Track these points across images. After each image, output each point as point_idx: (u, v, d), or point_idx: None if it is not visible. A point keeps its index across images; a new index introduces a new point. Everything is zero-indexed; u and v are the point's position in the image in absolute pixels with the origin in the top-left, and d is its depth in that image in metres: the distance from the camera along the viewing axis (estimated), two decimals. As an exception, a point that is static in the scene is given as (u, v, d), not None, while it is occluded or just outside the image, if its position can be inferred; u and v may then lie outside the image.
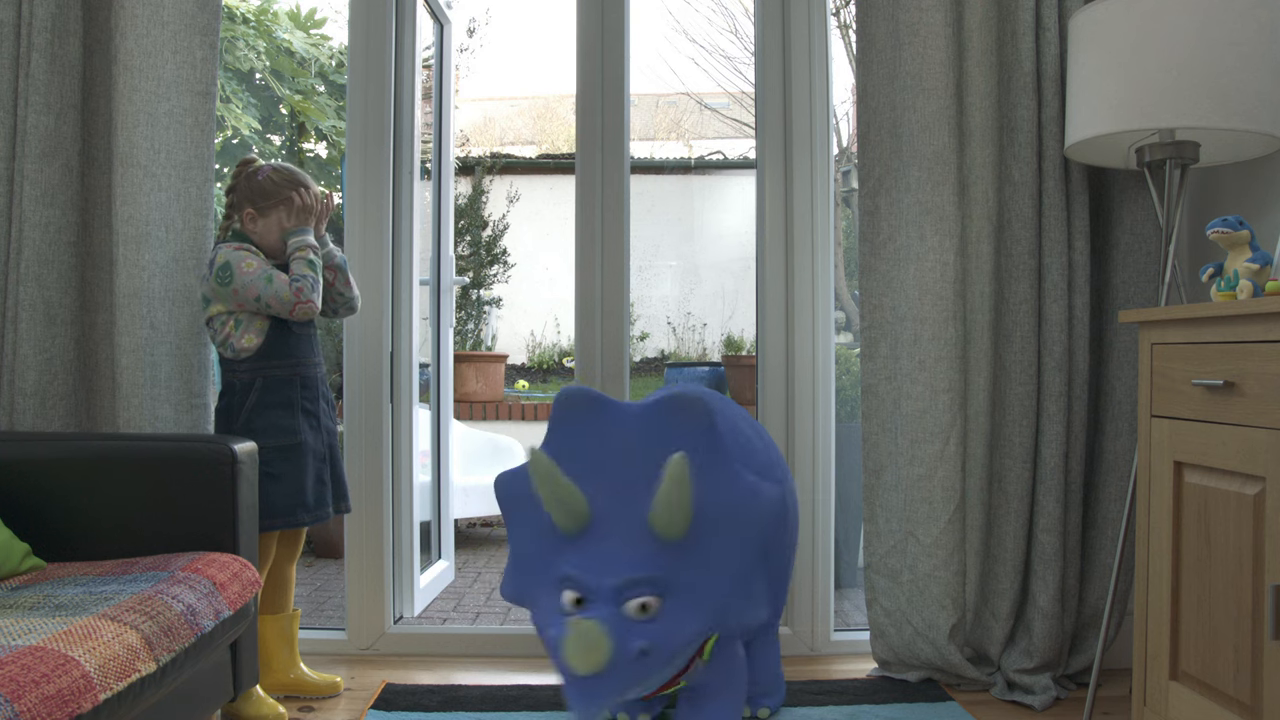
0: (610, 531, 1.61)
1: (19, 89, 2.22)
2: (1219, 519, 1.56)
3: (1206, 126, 1.87)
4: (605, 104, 2.54)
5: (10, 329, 2.20)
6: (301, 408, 2.06)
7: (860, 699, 2.18)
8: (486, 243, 6.81)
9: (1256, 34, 1.85)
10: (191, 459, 1.76)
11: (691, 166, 9.40)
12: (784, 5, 2.53)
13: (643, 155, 10.24)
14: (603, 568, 1.56)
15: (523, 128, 15.65)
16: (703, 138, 12.33)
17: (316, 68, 5.42)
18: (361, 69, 2.52)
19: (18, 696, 1.07)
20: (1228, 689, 1.53)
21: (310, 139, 5.89)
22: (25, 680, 1.10)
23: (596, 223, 2.55)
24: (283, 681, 2.18)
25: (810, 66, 2.52)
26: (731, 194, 9.02)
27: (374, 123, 2.52)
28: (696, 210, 9.20)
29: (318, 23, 5.25)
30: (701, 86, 11.66)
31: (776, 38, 2.54)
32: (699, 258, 8.97)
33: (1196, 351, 1.63)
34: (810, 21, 2.53)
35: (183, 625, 1.44)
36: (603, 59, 2.54)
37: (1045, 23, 2.25)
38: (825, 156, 2.53)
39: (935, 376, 2.24)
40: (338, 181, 5.69)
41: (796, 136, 2.52)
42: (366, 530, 2.52)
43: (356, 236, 2.51)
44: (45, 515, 1.76)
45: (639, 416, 1.69)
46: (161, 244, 2.26)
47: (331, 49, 5.54)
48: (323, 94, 5.35)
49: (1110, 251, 2.32)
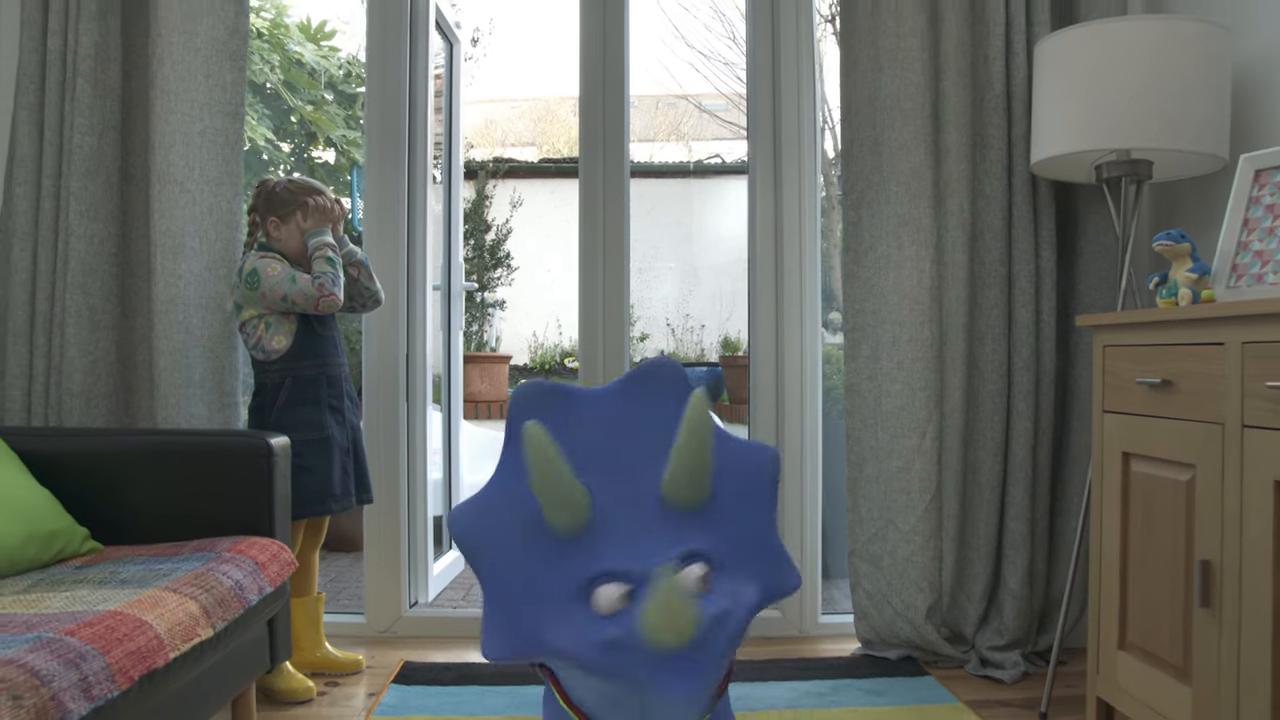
0: (620, 518, 1.42)
1: (64, 112, 2.40)
2: (1158, 503, 1.74)
3: (1158, 147, 2.05)
4: (606, 109, 2.72)
5: (58, 333, 2.37)
6: (328, 404, 2.24)
7: (843, 674, 2.35)
8: (490, 246, 6.99)
9: (1201, 65, 2.02)
10: (232, 452, 1.94)
11: (690, 170, 9.58)
12: (774, 28, 2.70)
13: (643, 158, 10.42)
14: (640, 551, 1.37)
15: (523, 130, 15.82)
16: (702, 139, 12.52)
17: (325, 78, 5.60)
18: (378, 87, 2.70)
19: (107, 650, 1.25)
20: (1165, 655, 1.71)
21: (319, 145, 6.07)
22: (111, 638, 1.28)
23: (599, 227, 2.73)
24: (309, 659, 2.36)
25: (798, 83, 2.70)
26: (729, 198, 9.19)
27: (390, 139, 2.69)
28: (695, 213, 9.38)
29: (327, 35, 5.43)
30: (700, 88, 11.84)
31: (766, 55, 2.71)
32: (698, 260, 9.15)
33: (1141, 353, 1.81)
34: (798, 41, 2.71)
35: (233, 598, 1.62)
36: (604, 72, 2.72)
37: (1014, 48, 2.42)
38: (812, 168, 2.70)
39: (913, 376, 2.42)
40: (347, 188, 5.86)
41: (785, 147, 2.69)
42: (384, 522, 2.70)
43: (374, 245, 2.68)
44: (101, 503, 1.93)
45: (610, 398, 1.54)
46: (195, 254, 2.44)
47: (340, 60, 5.73)
48: (332, 104, 5.52)
49: (1075, 259, 2.50)
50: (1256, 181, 1.86)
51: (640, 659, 1.25)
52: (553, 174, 9.17)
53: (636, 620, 1.25)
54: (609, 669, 1.27)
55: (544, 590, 1.37)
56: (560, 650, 1.31)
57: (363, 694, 2.26)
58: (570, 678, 1.41)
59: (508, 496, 1.44)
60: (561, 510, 1.36)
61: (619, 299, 2.75)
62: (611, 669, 1.27)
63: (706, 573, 1.33)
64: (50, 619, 1.33)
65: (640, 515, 1.41)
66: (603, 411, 1.51)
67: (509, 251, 7.01)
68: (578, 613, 1.33)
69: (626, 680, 1.27)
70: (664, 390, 1.50)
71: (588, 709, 1.42)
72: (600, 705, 1.40)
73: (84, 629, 1.28)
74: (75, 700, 1.16)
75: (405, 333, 2.73)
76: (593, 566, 1.34)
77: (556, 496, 1.35)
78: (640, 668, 1.25)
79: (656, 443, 1.43)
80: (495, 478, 1.48)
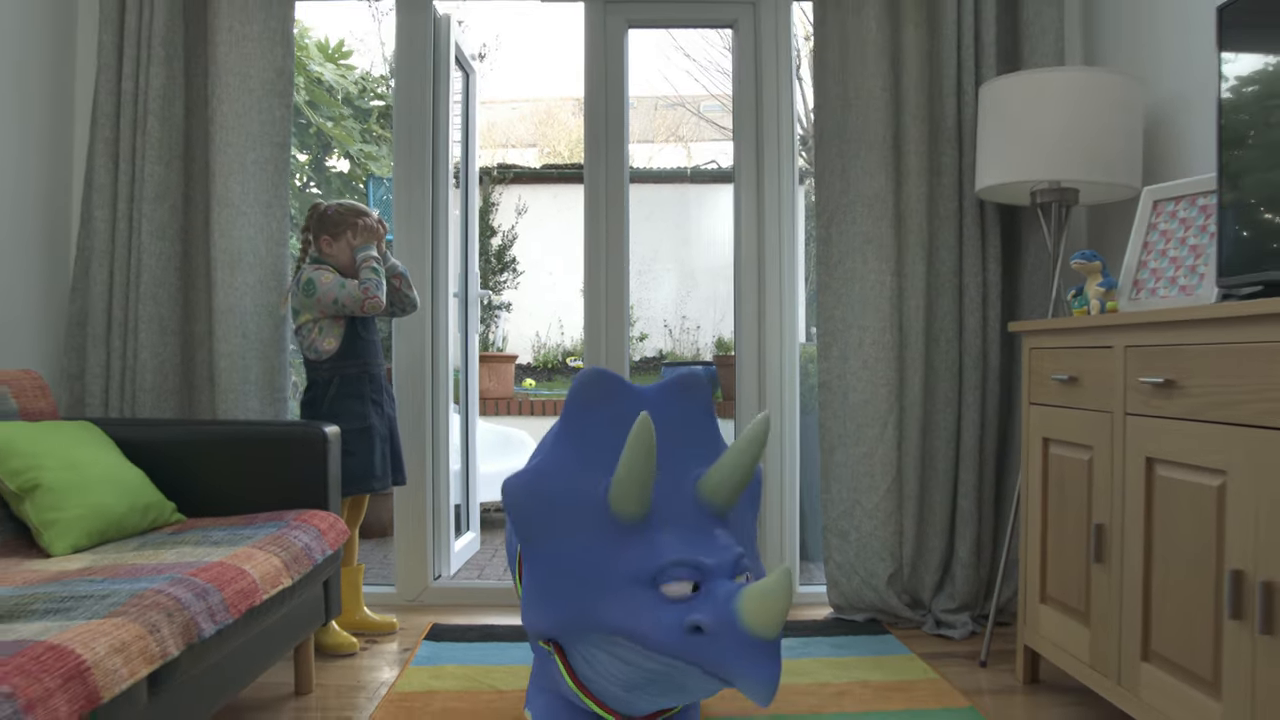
0: (669, 515, 1.52)
1: (136, 145, 2.75)
2: (1069, 480, 2.09)
3: (1082, 179, 2.40)
4: (609, 121, 3.07)
5: (131, 338, 2.73)
6: (370, 399, 2.60)
7: (815, 633, 2.71)
8: (497, 251, 7.34)
9: (1117, 109, 2.37)
10: (293, 439, 2.29)
11: (688, 176, 9.92)
12: (756, 66, 3.06)
13: (642, 160, 10.74)
14: (704, 547, 1.46)
15: (524, 132, 16.12)
16: (701, 139, 12.84)
17: (342, 94, 5.94)
18: (406, 116, 3.05)
19: (222, 588, 1.60)
20: (1073, 604, 2.06)
21: (334, 156, 6.41)
22: (222, 579, 1.63)
23: (602, 233, 3.08)
24: (351, 621, 2.71)
25: (778, 112, 3.05)
26: (724, 203, 9.53)
27: (417, 164, 3.04)
28: (693, 218, 9.71)
29: (345, 54, 5.77)
30: (696, 90, 12.15)
31: (750, 91, 3.06)
32: (695, 263, 9.48)
33: (1057, 354, 2.16)
34: (778, 75, 3.06)
35: (304, 556, 1.97)
36: (606, 94, 3.07)
37: (964, 88, 2.78)
38: (791, 185, 3.05)
39: (876, 374, 2.77)
40: (363, 196, 6.21)
41: (767, 161, 3.04)
42: (412, 506, 3.05)
43: (403, 259, 3.03)
44: (180, 482, 2.28)
45: (655, 397, 1.65)
46: (250, 268, 2.79)
47: (354, 76, 6.07)
48: (349, 119, 5.87)
49: (1018, 271, 2.85)
50: (1155, 210, 2.22)
51: (731, 645, 1.35)
52: (555, 179, 9.52)
53: (735, 610, 1.34)
54: (688, 651, 1.37)
55: (604, 571, 1.45)
56: (628, 630, 1.41)
57: (398, 650, 2.61)
58: (593, 659, 1.52)
59: (564, 476, 1.53)
60: (636, 498, 1.45)
61: (620, 300, 3.10)
62: (692, 652, 1.37)
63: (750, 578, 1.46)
64: (170, 567, 1.68)
65: (683, 514, 1.51)
66: (650, 410, 1.62)
67: (514, 256, 7.35)
68: (644, 596, 1.42)
69: (711, 663, 1.36)
70: (694, 398, 1.64)
71: (596, 689, 1.57)
72: (621, 686, 1.51)
73: (202, 573, 1.63)
74: (205, 622, 1.51)
75: (430, 337, 3.08)
76: (662, 555, 1.43)
77: (639, 485, 1.44)
78: (730, 653, 1.35)
79: (688, 447, 1.57)
80: (552, 456, 1.57)
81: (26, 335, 2.68)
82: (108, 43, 2.75)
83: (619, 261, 3.09)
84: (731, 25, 3.12)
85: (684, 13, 3.16)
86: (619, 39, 3.10)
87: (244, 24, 2.79)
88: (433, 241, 3.10)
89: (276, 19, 2.83)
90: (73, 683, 1.17)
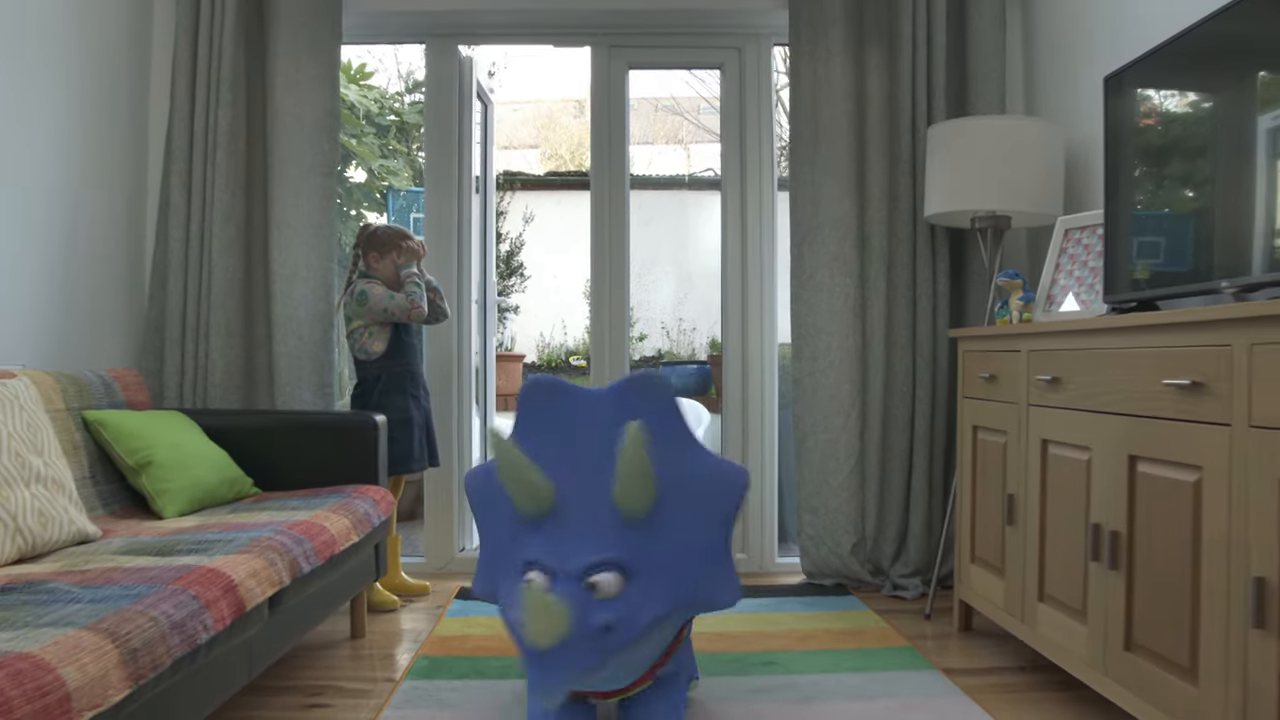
0: (576, 515, 1.61)
1: (207, 174, 3.20)
2: (989, 460, 2.55)
3: (1011, 208, 2.85)
4: (611, 146, 3.52)
5: (203, 341, 3.18)
6: (410, 394, 3.05)
7: (787, 595, 3.16)
8: (504, 256, 7.79)
9: (1041, 150, 2.82)
10: (350, 426, 2.74)
11: (685, 183, 10.38)
12: (740, 103, 3.51)
13: (642, 164, 11.17)
14: (566, 550, 1.55)
15: (527, 134, 16.53)
16: (700, 141, 13.26)
17: (363, 111, 6.39)
18: (435, 144, 3.50)
19: (311, 539, 2.06)
20: (993, 561, 2.52)
21: (351, 167, 6.87)
22: (309, 533, 2.09)
23: (605, 244, 3.53)
24: (391, 583, 3.17)
25: (760, 148, 3.50)
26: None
27: (444, 185, 3.50)
28: (691, 223, 10.16)
29: (366, 75, 6.22)
30: (698, 91, 12.54)
31: (735, 130, 3.52)
32: (691, 266, 9.93)
33: (982, 356, 2.62)
34: (760, 113, 3.51)
35: (365, 520, 2.42)
36: (610, 125, 3.52)
37: (918, 128, 3.23)
38: (771, 202, 3.50)
39: (841, 372, 3.23)
40: (380, 207, 6.66)
41: (749, 179, 3.50)
42: (440, 489, 3.51)
43: (433, 268, 3.48)
44: (255, 461, 2.73)
45: (604, 400, 1.71)
46: (304, 281, 3.24)
47: (375, 96, 6.52)
48: (370, 135, 6.32)
49: (965, 285, 3.30)
50: (1066, 237, 2.67)
51: (519, 643, 1.50)
52: (558, 186, 9.98)
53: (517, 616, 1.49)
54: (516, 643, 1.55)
55: (506, 556, 1.66)
56: (501, 609, 1.64)
57: (432, 607, 3.07)
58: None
59: None
60: (524, 500, 1.62)
61: (621, 302, 3.55)
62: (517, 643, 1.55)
63: (618, 581, 1.51)
64: (266, 524, 2.13)
65: (592, 515, 1.59)
66: (593, 412, 1.71)
67: (522, 262, 7.81)
68: (516, 584, 1.59)
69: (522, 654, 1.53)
70: (649, 404, 1.69)
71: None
72: None
73: (294, 527, 2.08)
74: (304, 562, 1.97)
75: (456, 340, 3.54)
76: (527, 553, 1.58)
77: (519, 488, 1.61)
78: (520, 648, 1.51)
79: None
80: None
81: (112, 339, 3.13)
82: (181, 88, 3.20)
83: (620, 269, 3.54)
84: (719, 67, 3.58)
85: (677, 57, 3.62)
86: (621, 78, 3.55)
87: (297, 70, 3.24)
88: (458, 253, 3.56)
89: (324, 65, 3.28)
90: (229, 594, 1.63)
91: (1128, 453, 1.85)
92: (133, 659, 1.30)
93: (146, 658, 1.33)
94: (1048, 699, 2.20)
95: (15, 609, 1.39)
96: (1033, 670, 2.40)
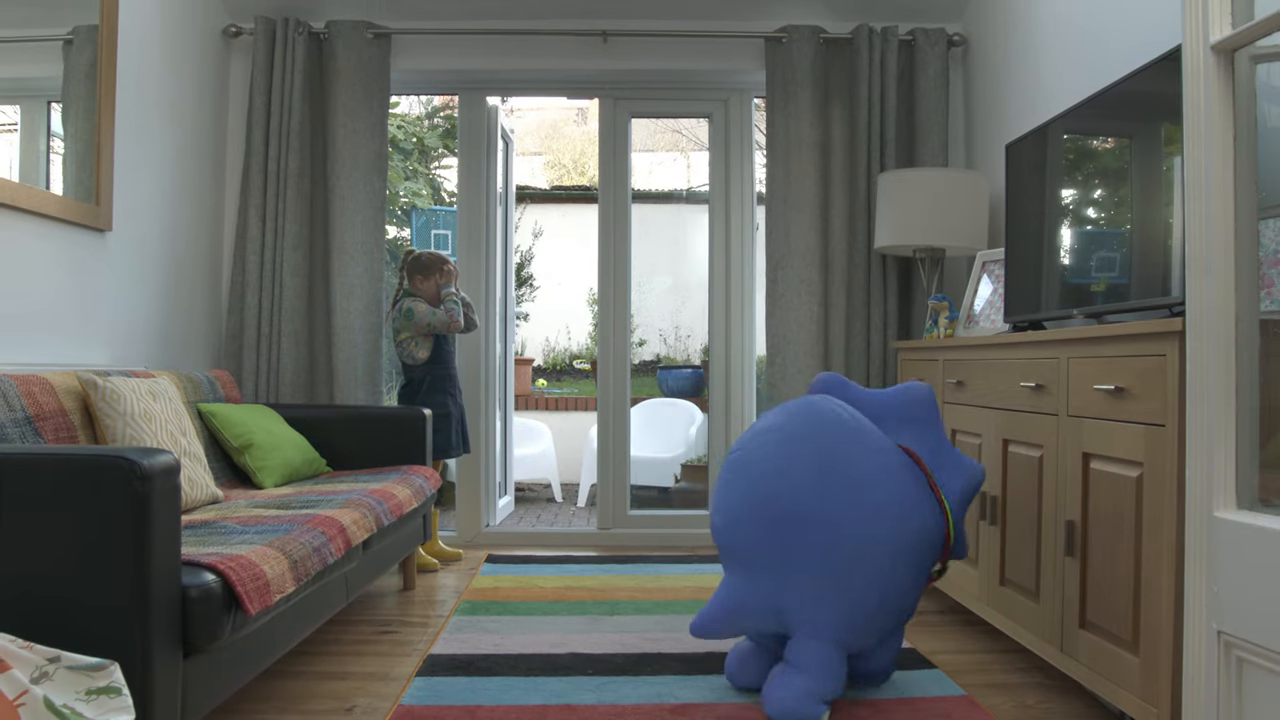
0: None
1: (278, 208, 3.83)
2: (920, 447, 3.17)
3: (945, 243, 3.48)
4: (616, 180, 4.16)
5: (275, 348, 3.81)
6: (449, 392, 3.69)
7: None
8: (516, 268, 8.42)
9: (970, 195, 3.45)
10: (404, 418, 3.37)
11: (684, 197, 11.00)
12: (725, 147, 4.15)
13: (644, 171, 11.78)
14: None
15: (531, 143, 17.13)
16: (700, 149, 13.87)
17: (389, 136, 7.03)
18: (466, 178, 4.14)
19: (386, 501, 2.69)
20: (920, 528, 3.15)
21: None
22: (384, 497, 2.71)
23: (610, 259, 4.16)
24: (430, 549, 3.79)
25: (742, 177, 4.14)
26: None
27: (474, 212, 4.13)
28: (688, 236, 10.79)
29: (393, 105, 6.85)
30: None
31: (721, 163, 4.15)
32: (688, 276, 10.55)
33: (917, 365, 3.25)
34: (742, 155, 4.15)
35: (420, 491, 3.05)
36: (614, 171, 4.16)
37: (872, 173, 3.86)
38: (751, 230, 4.13)
39: (807, 378, 3.86)
40: (405, 224, 7.29)
41: (733, 216, 4.13)
42: (470, 473, 4.14)
43: (464, 283, 4.11)
44: (325, 445, 3.36)
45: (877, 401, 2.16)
46: (358, 298, 3.88)
47: (398, 123, 7.15)
48: (395, 158, 6.96)
49: (910, 305, 3.93)
50: (984, 268, 3.31)
51: None
52: (563, 199, 10.63)
53: None
54: None
55: None
56: None
57: (465, 570, 3.70)
58: None
59: None
60: None
61: (622, 310, 4.18)
62: None
63: None
64: (348, 491, 2.76)
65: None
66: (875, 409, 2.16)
67: (531, 273, 8.44)
68: None
69: None
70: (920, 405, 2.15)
71: None
72: None
73: (372, 493, 2.71)
74: (385, 517, 2.60)
75: (483, 348, 4.17)
76: None
77: None
78: None
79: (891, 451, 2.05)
80: None
81: (199, 346, 3.76)
82: (257, 137, 3.83)
83: (623, 284, 4.17)
84: (708, 116, 4.21)
85: (672, 108, 4.28)
86: (624, 126, 4.19)
87: (353, 120, 3.88)
88: (486, 271, 4.19)
89: (376, 116, 3.92)
90: (341, 534, 2.26)
91: (1002, 437, 2.49)
92: (295, 566, 1.93)
93: (302, 567, 1.96)
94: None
95: (207, 537, 2.02)
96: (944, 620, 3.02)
